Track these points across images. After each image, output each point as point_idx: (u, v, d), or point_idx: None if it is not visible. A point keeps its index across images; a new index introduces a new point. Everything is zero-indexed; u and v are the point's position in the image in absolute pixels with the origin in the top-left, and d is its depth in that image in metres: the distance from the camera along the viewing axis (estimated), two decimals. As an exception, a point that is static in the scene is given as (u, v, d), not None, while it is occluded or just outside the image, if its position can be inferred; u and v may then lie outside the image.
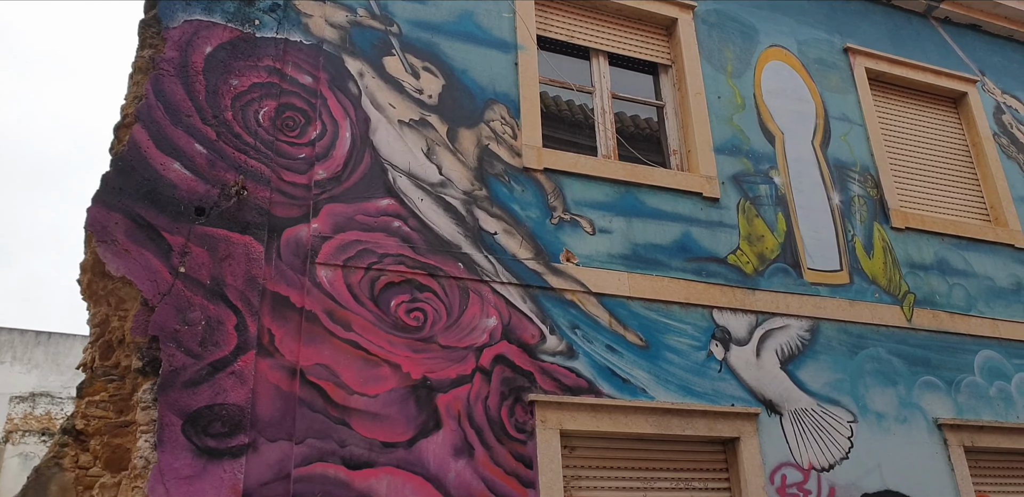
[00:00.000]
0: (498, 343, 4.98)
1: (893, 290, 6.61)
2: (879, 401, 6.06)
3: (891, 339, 6.37)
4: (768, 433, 5.52)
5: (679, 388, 5.39)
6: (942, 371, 6.45)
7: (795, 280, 6.21)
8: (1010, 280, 7.25)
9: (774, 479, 5.39)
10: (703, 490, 5.28)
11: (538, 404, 4.89)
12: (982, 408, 6.47)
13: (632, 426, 5.10)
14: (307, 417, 4.32)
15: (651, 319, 5.53)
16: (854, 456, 5.75)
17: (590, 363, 5.19)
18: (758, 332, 5.86)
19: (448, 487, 4.45)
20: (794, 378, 5.81)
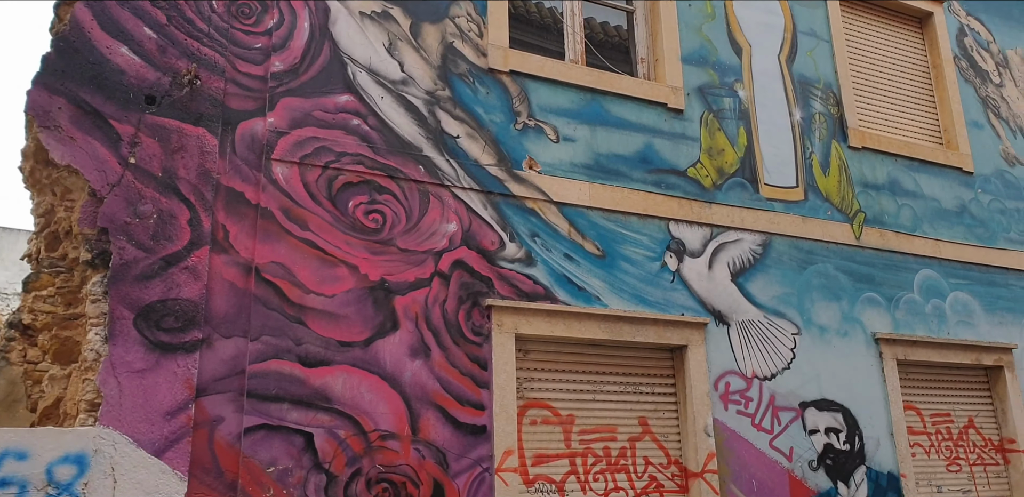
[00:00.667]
0: (457, 248, 4.95)
1: (845, 208, 6.72)
2: (823, 315, 6.25)
3: (839, 256, 6.52)
4: (715, 342, 5.67)
5: (632, 297, 5.46)
6: (884, 288, 6.66)
7: (751, 195, 6.26)
8: (955, 203, 7.43)
9: (718, 386, 5.57)
10: (650, 394, 5.43)
11: (495, 309, 4.91)
12: (917, 324, 6.73)
13: (585, 332, 5.18)
14: (262, 314, 4.27)
15: (609, 229, 5.53)
16: (795, 366, 5.96)
17: (548, 271, 5.20)
18: (712, 245, 5.92)
19: (404, 386, 4.49)
20: (743, 290, 5.94)
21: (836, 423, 5.99)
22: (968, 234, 7.38)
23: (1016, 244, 7.68)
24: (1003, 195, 7.81)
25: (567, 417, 5.10)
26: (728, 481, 5.36)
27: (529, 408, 5.00)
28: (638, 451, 5.26)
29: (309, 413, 4.22)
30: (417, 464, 4.40)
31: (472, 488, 4.51)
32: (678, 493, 5.29)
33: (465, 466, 4.53)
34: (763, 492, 5.47)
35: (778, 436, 5.69)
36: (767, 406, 5.72)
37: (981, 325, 7.09)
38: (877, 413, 6.20)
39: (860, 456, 6.00)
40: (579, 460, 5.05)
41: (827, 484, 5.78)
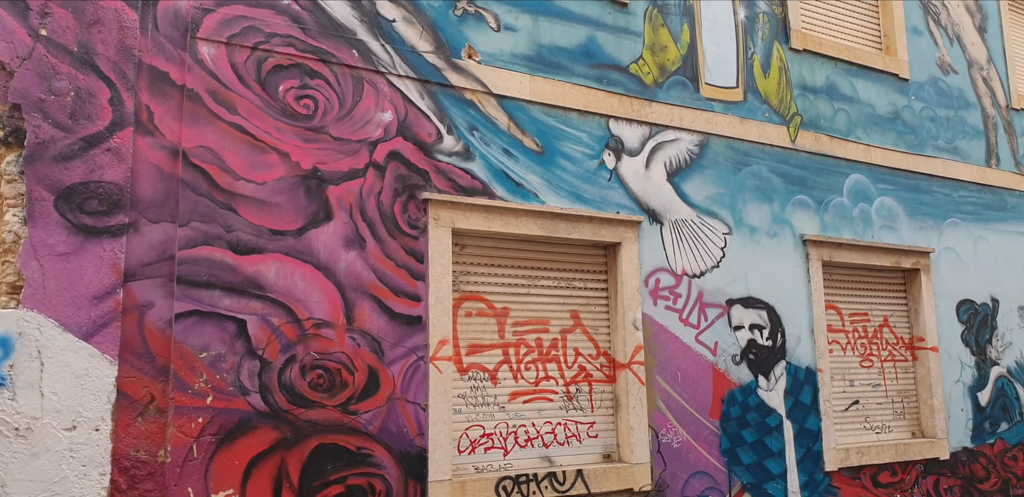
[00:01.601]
0: (393, 139, 4.86)
1: (783, 111, 6.78)
2: (754, 216, 6.39)
3: (774, 158, 6.62)
4: (648, 240, 5.77)
5: (569, 194, 5.49)
6: (815, 191, 6.82)
7: (691, 94, 6.25)
8: (889, 109, 7.56)
9: (648, 282, 5.71)
10: (583, 289, 5.55)
11: (432, 203, 4.88)
12: (844, 227, 6.95)
13: (522, 228, 5.21)
14: (191, 200, 4.16)
15: (549, 125, 5.49)
16: (724, 265, 6.13)
17: (486, 165, 5.17)
18: (650, 144, 5.95)
19: (338, 276, 4.49)
20: (678, 190, 6.01)
21: (760, 320, 6.24)
22: (899, 140, 7.56)
23: (943, 152, 7.91)
24: (935, 103, 7.97)
25: (502, 310, 5.19)
26: (654, 372, 5.57)
27: (465, 301, 5.06)
28: (569, 343, 5.41)
29: (242, 300, 4.20)
30: (352, 352, 4.45)
31: (407, 375, 4.60)
32: (606, 383, 5.49)
33: (400, 354, 4.60)
34: (687, 383, 5.72)
35: (704, 331, 5.90)
36: (695, 302, 5.91)
37: (903, 230, 7.37)
38: (800, 311, 6.47)
39: (781, 351, 6.29)
40: (512, 350, 5.17)
41: (748, 377, 6.06)
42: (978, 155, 8.24)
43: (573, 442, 5.29)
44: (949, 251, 7.68)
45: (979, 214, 8.06)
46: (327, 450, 4.28)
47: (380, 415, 4.46)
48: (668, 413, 5.58)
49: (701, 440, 5.70)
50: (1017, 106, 8.75)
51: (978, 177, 8.13)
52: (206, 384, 4.02)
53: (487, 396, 5.02)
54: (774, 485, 5.99)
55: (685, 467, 5.59)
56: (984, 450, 7.44)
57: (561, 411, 5.30)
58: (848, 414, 6.77)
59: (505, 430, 5.04)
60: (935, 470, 7.02)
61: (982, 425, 7.49)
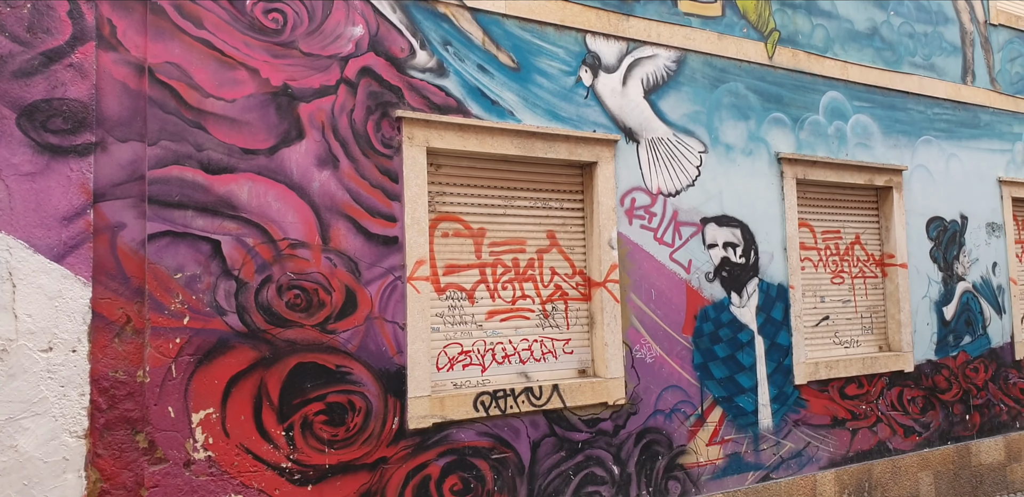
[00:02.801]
0: (365, 54, 4.73)
1: (761, 26, 6.67)
2: (730, 134, 6.36)
3: (751, 75, 6.55)
4: (624, 159, 5.74)
5: (546, 112, 5.41)
6: (791, 109, 6.78)
7: (669, 9, 6.12)
8: (867, 24, 7.46)
9: (624, 201, 5.71)
10: (559, 209, 5.54)
11: (405, 121, 4.80)
12: (819, 145, 6.95)
13: (498, 147, 5.15)
14: (159, 118, 4.06)
15: (525, 40, 5.37)
16: (699, 183, 6.13)
17: (460, 82, 5.07)
18: (627, 60, 5.84)
19: (312, 196, 4.44)
20: (655, 108, 5.95)
21: (734, 238, 6.29)
22: (876, 57, 7.49)
23: (919, 68, 7.86)
24: (914, 18, 7.87)
25: (478, 230, 5.19)
26: (629, 290, 5.64)
27: (441, 221, 5.04)
28: (545, 262, 5.44)
29: (215, 220, 4.16)
30: (329, 272, 4.45)
31: (384, 295, 4.62)
32: (581, 301, 5.56)
33: (377, 274, 4.61)
34: (661, 300, 5.80)
35: (678, 249, 5.95)
36: (670, 221, 5.93)
37: (877, 147, 7.38)
38: (773, 229, 6.53)
39: (754, 269, 6.38)
40: (489, 270, 5.20)
41: (721, 294, 6.16)
42: (954, 72, 8.20)
43: (549, 358, 5.39)
44: (921, 169, 7.73)
45: (952, 131, 8.09)
46: (306, 369, 4.33)
47: (358, 334, 4.50)
48: (642, 330, 5.68)
49: (674, 355, 5.83)
50: (995, 21, 8.66)
51: (953, 94, 8.11)
52: (182, 305, 4.02)
53: (464, 315, 5.07)
54: (745, 398, 6.17)
55: (658, 381, 5.73)
56: (947, 362, 7.69)
57: (537, 329, 5.37)
58: (818, 329, 6.93)
59: (483, 347, 5.12)
60: (899, 382, 7.25)
61: (946, 339, 7.72)
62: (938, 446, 7.51)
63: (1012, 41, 8.87)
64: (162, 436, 3.90)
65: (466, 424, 4.86)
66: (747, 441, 6.16)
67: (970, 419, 7.84)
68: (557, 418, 5.22)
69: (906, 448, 7.24)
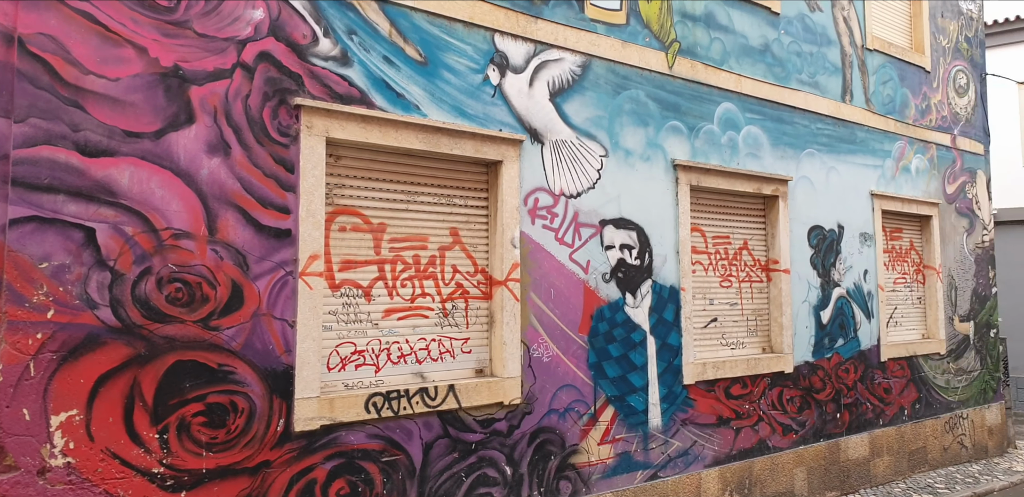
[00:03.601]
0: (264, 39, 4.27)
1: (663, 36, 6.49)
2: (630, 140, 6.16)
3: (651, 83, 6.36)
4: (529, 159, 5.45)
5: (452, 108, 5.06)
6: (688, 118, 6.63)
7: (576, 14, 5.85)
8: (760, 41, 7.40)
9: (527, 201, 5.42)
10: (463, 206, 5.19)
11: (304, 109, 4.36)
12: (712, 153, 6.83)
13: (402, 141, 4.77)
14: (29, 93, 3.51)
15: (433, 35, 4.99)
16: (599, 186, 5.90)
17: (365, 73, 4.66)
18: (534, 62, 5.55)
19: (200, 183, 3.95)
20: (560, 110, 5.68)
21: (630, 240, 6.08)
22: (767, 72, 7.44)
23: (805, 85, 7.87)
24: (802, 38, 7.88)
25: (378, 225, 4.79)
26: (529, 289, 5.34)
27: (339, 214, 4.62)
28: (447, 260, 5.08)
29: (90, 207, 3.63)
30: (214, 265, 3.97)
31: (274, 291, 4.16)
32: (482, 299, 5.23)
33: (267, 269, 4.15)
34: (559, 299, 5.53)
35: (578, 250, 5.69)
36: (571, 222, 5.67)
37: (766, 158, 7.33)
38: (667, 233, 6.36)
39: (648, 271, 6.19)
40: (388, 267, 4.80)
41: (617, 294, 5.93)
42: (835, 90, 8.26)
43: (447, 358, 5.03)
44: (805, 179, 7.74)
45: (833, 146, 8.14)
46: (185, 367, 3.83)
47: (244, 331, 4.03)
48: (540, 329, 5.39)
49: (570, 355, 5.56)
50: (871, 46, 8.79)
51: (834, 111, 8.17)
52: (47, 297, 3.48)
53: (360, 313, 4.66)
54: (636, 397, 5.97)
55: (554, 380, 5.45)
56: (822, 364, 7.71)
57: (436, 328, 5.00)
58: (707, 331, 6.80)
59: (378, 347, 4.72)
60: (780, 382, 7.21)
61: (822, 341, 7.74)
62: (812, 443, 7.51)
63: (884, 65, 9.03)
64: (13, 441, 3.35)
65: (356, 426, 4.45)
66: (637, 440, 5.96)
67: (840, 417, 7.89)
68: (452, 419, 4.87)
69: (784, 446, 7.20)
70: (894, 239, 9.12)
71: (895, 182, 9.02)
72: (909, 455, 8.72)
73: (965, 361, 9.98)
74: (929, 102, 9.75)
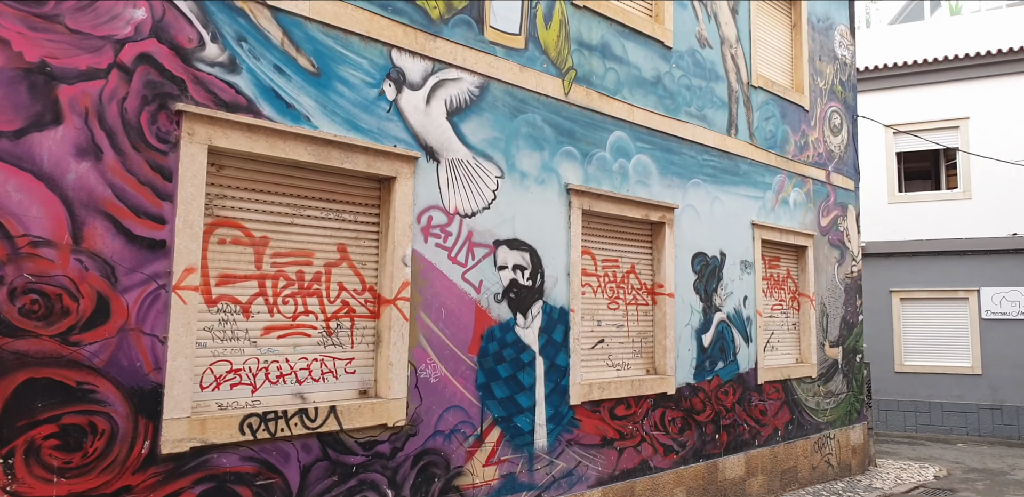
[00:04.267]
0: (145, 40, 3.97)
1: (560, 63, 6.49)
2: (526, 162, 6.10)
3: (547, 108, 6.34)
4: (423, 176, 5.30)
5: (345, 121, 4.86)
6: (582, 144, 6.64)
7: (476, 35, 5.78)
8: (652, 73, 7.52)
9: (421, 219, 5.26)
10: (352, 222, 4.98)
11: (186, 115, 4.08)
12: (604, 179, 6.86)
13: (290, 152, 4.53)
14: None
15: (328, 46, 4.80)
16: (494, 207, 5.80)
17: (253, 81, 4.41)
18: (432, 80, 5.42)
19: (65, 189, 3.61)
20: (457, 129, 5.56)
21: (523, 261, 6.00)
22: (658, 104, 7.56)
23: (693, 118, 8.04)
24: (692, 73, 8.06)
25: (261, 239, 4.52)
26: (419, 309, 5.16)
27: (218, 226, 4.33)
28: (333, 277, 4.85)
29: (-68, 209, 3.25)
30: (78, 276, 3.62)
31: (144, 305, 3.84)
32: (369, 318, 5.01)
33: (138, 281, 3.83)
34: (450, 320, 5.36)
35: (470, 269, 5.56)
36: (464, 241, 5.54)
37: (654, 186, 7.42)
38: (559, 255, 6.31)
39: (539, 292, 6.11)
40: (269, 282, 4.53)
41: (508, 315, 5.82)
42: (721, 124, 8.48)
43: (329, 378, 4.77)
44: (690, 208, 7.88)
45: (717, 177, 8.33)
46: (38, 385, 3.46)
47: (109, 347, 3.69)
48: (429, 349, 5.21)
49: (458, 375, 5.40)
50: (755, 84, 9.10)
51: (719, 144, 8.38)
52: None
53: (237, 330, 4.36)
54: (523, 418, 5.84)
55: (441, 402, 5.26)
56: (703, 386, 7.80)
57: (319, 347, 4.75)
58: (594, 352, 6.76)
59: (255, 366, 4.42)
60: (662, 404, 7.24)
61: (703, 364, 7.84)
62: (692, 463, 7.56)
63: (767, 102, 9.36)
64: None
65: (230, 448, 4.13)
66: (522, 461, 5.82)
67: (719, 438, 7.99)
68: (332, 441, 4.61)
69: (665, 466, 7.21)
70: (772, 267, 9.39)
71: (775, 213, 9.32)
72: (781, 474, 8.92)
73: (834, 384, 10.35)
74: (807, 139, 10.17)
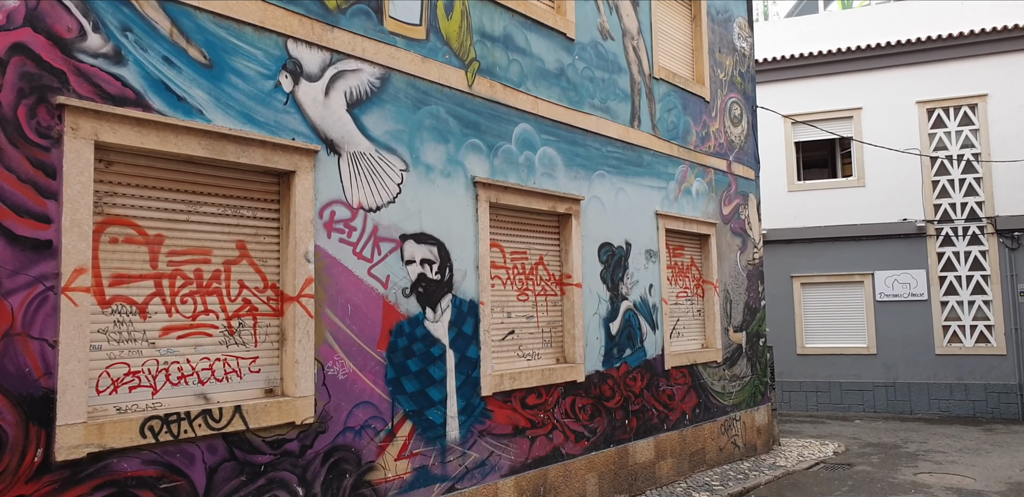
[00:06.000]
0: (19, 29, 3.81)
1: (462, 55, 6.53)
2: (431, 155, 6.12)
3: (451, 100, 6.37)
4: (324, 170, 5.26)
5: (240, 115, 4.77)
6: (487, 136, 6.70)
7: (375, 25, 5.75)
8: (556, 65, 7.65)
9: (323, 214, 5.22)
10: (251, 218, 4.90)
11: (69, 109, 3.93)
12: (511, 172, 6.94)
13: (183, 147, 4.42)
14: None
15: (220, 37, 4.70)
16: (400, 201, 5.81)
17: (141, 73, 4.29)
18: (331, 71, 5.38)
19: (-64, 187, 3.45)
20: (358, 122, 5.54)
21: (431, 255, 6.03)
22: (562, 96, 7.69)
23: (597, 110, 8.22)
24: (594, 65, 8.23)
25: (155, 237, 4.41)
26: (324, 305, 5.13)
27: (109, 225, 4.20)
28: (233, 274, 4.77)
29: None
30: (-46, 279, 3.46)
31: (31, 308, 3.70)
32: (272, 316, 4.95)
33: (22, 283, 3.69)
34: (357, 316, 5.36)
35: (377, 265, 5.56)
36: (370, 236, 5.53)
37: (560, 178, 7.56)
38: (467, 248, 6.37)
39: (448, 285, 6.15)
40: (166, 282, 4.42)
41: (417, 309, 5.85)
42: (624, 116, 8.69)
43: (233, 378, 4.70)
44: (596, 199, 8.06)
45: (622, 168, 8.54)
46: (-87, 397, 3.31)
47: (-9, 353, 3.55)
48: (336, 346, 5.19)
49: (367, 371, 5.40)
50: (657, 75, 9.36)
51: (623, 135, 8.59)
52: None
53: (134, 331, 4.25)
54: (434, 411, 5.89)
55: (350, 398, 5.26)
56: (612, 373, 8.01)
57: (221, 346, 4.67)
58: (504, 343, 6.86)
59: (155, 367, 4.32)
60: (573, 392, 7.41)
61: (612, 351, 8.05)
62: (602, 449, 7.77)
63: (669, 94, 9.64)
64: None
65: (130, 452, 4.04)
66: (435, 454, 5.87)
67: (629, 423, 8.23)
68: (239, 441, 4.55)
69: (576, 452, 7.39)
70: (676, 256, 9.70)
71: (678, 203, 9.61)
72: (690, 456, 9.25)
73: (738, 368, 10.78)
74: (708, 130, 10.52)
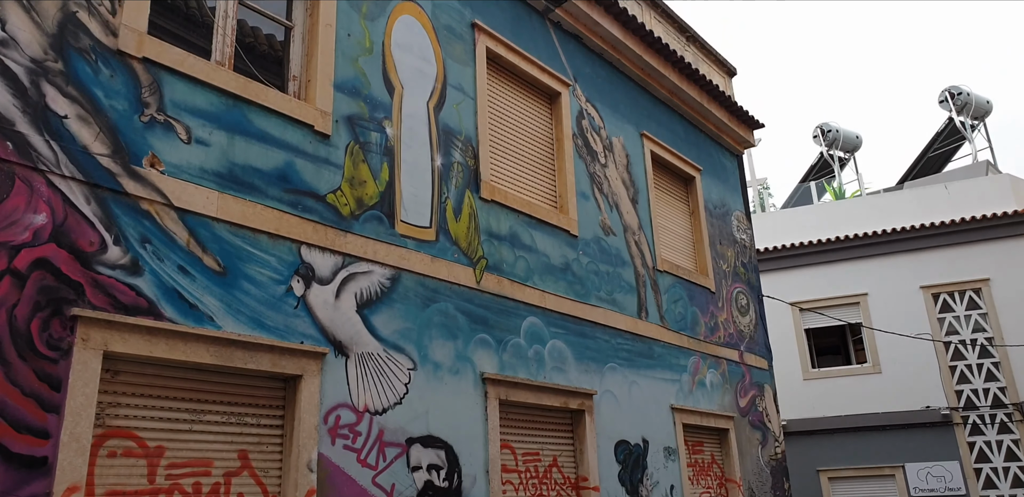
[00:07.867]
0: (44, 245, 3.99)
1: (470, 253, 6.77)
2: (439, 352, 6.13)
3: (460, 297, 6.50)
4: (331, 373, 5.24)
5: (250, 320, 4.85)
6: (495, 331, 6.76)
7: (387, 229, 6.02)
8: (561, 260, 7.90)
9: (328, 419, 5.12)
10: (255, 426, 4.80)
11: (81, 320, 4.01)
12: (520, 367, 6.91)
13: (191, 354, 4.45)
14: None
15: (235, 245, 4.91)
16: (407, 402, 5.72)
17: (155, 282, 4.42)
18: (342, 274, 5.55)
19: (-63, 405, 3.42)
20: (367, 322, 5.61)
21: (439, 460, 5.83)
22: (568, 289, 7.86)
23: (604, 302, 8.35)
24: (598, 259, 8.50)
25: (155, 449, 4.29)
26: (326, 520, 4.88)
27: (109, 438, 4.11)
28: (233, 487, 4.58)
29: None
30: (-62, 504, 3.33)
31: (14, 534, 3.52)
32: (271, 534, 4.69)
33: (9, 506, 3.54)
34: (361, 531, 5.07)
35: (382, 472, 5.36)
36: (375, 441, 5.38)
37: (571, 371, 7.51)
38: (476, 451, 6.17)
39: (457, 493, 5.88)
40: (161, 498, 4.24)
41: (424, 521, 5.54)
42: (631, 307, 8.82)
43: None
44: (609, 393, 7.94)
45: (632, 360, 8.51)
46: None
47: (-35, 589, 3.31)
48: (337, 566, 4.85)
49: (371, 595, 5.00)
50: (660, 268, 9.62)
51: (632, 327, 8.66)
52: None
53: (122, 555, 4.00)
54: None
55: None
56: (638, 588, 7.40)
57: (213, 569, 4.37)
58: (519, 558, 6.42)
59: (139, 598, 4.01)
60: None
61: (637, 563, 7.50)
62: None
63: (674, 285, 9.85)
64: None
65: None
66: None
67: None
68: None
69: None
70: (696, 453, 9.37)
71: (693, 396, 9.46)
72: None
73: (775, 577, 9.97)
74: (717, 320, 10.62)
